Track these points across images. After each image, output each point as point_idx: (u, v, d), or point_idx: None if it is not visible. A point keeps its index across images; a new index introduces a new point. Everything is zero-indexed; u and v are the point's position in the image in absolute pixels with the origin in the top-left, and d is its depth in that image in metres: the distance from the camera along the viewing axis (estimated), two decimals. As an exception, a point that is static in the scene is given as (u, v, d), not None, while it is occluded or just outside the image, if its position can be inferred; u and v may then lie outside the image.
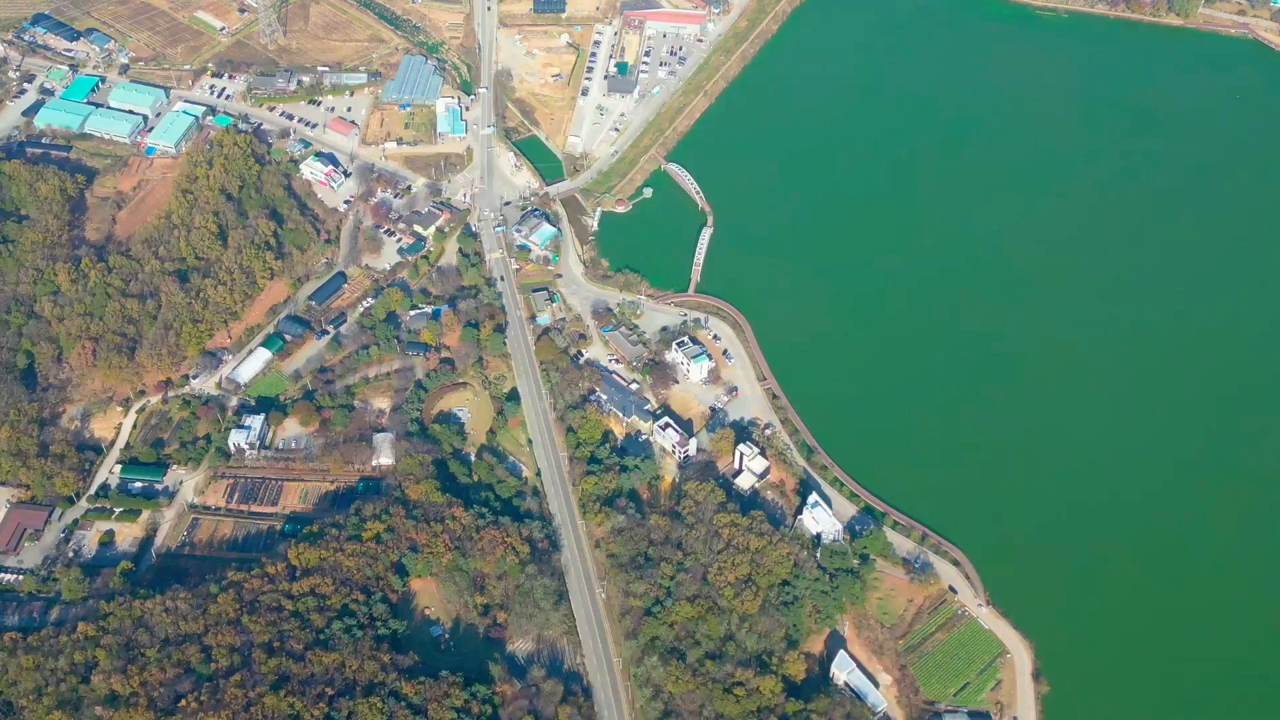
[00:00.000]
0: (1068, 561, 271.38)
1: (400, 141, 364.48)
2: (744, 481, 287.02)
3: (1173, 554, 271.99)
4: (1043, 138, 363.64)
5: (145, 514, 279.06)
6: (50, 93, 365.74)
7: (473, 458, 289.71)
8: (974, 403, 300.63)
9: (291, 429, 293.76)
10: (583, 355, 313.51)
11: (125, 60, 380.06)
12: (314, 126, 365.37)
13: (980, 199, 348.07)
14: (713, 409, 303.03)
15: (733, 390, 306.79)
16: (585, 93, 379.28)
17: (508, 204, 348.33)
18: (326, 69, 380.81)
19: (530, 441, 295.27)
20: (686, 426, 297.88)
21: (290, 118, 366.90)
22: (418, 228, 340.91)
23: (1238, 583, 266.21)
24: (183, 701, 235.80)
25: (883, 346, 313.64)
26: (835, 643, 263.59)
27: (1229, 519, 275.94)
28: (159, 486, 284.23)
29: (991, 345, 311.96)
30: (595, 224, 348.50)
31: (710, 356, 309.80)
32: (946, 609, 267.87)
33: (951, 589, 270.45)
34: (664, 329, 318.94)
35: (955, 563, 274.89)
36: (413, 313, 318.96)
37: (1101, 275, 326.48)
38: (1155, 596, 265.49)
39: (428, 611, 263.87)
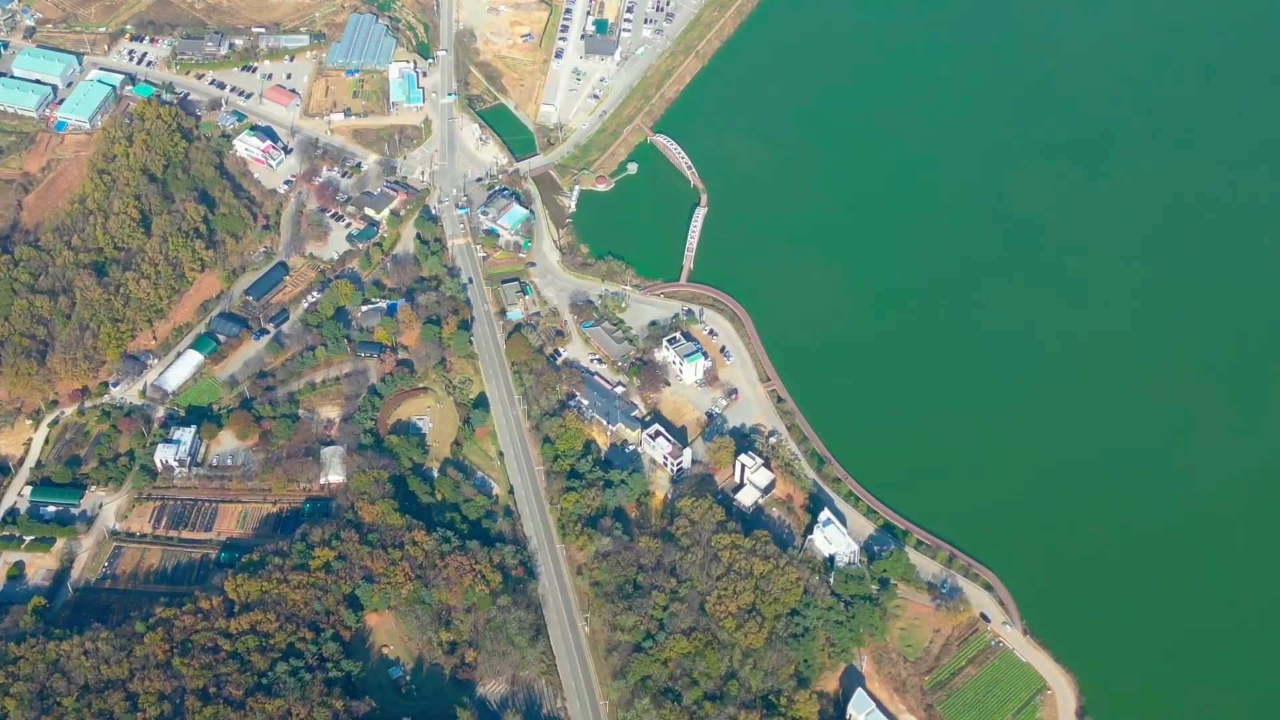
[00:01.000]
0: (1116, 585, 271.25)
1: (348, 113, 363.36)
2: (746, 497, 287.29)
3: (1238, 579, 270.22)
4: (1088, 101, 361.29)
5: (60, 542, 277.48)
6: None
7: (435, 474, 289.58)
8: (1006, 406, 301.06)
9: (227, 443, 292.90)
10: (560, 355, 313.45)
11: (31, 22, 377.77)
12: (249, 96, 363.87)
13: (1014, 171, 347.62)
14: (710, 415, 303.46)
15: (732, 393, 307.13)
16: (559, 55, 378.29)
17: (476, 181, 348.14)
18: (262, 30, 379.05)
19: (501, 454, 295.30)
20: (680, 435, 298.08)
21: (222, 86, 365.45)
22: (369, 211, 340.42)
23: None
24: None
25: (903, 343, 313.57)
26: (852, 680, 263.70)
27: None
28: (75, 511, 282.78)
29: (1025, 341, 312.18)
30: (573, 204, 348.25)
31: (706, 355, 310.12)
32: (978, 640, 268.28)
33: (983, 616, 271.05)
34: (653, 324, 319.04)
35: (988, 587, 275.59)
36: (365, 308, 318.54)
37: (1156, 261, 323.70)
38: (1217, 626, 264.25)
39: (386, 650, 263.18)
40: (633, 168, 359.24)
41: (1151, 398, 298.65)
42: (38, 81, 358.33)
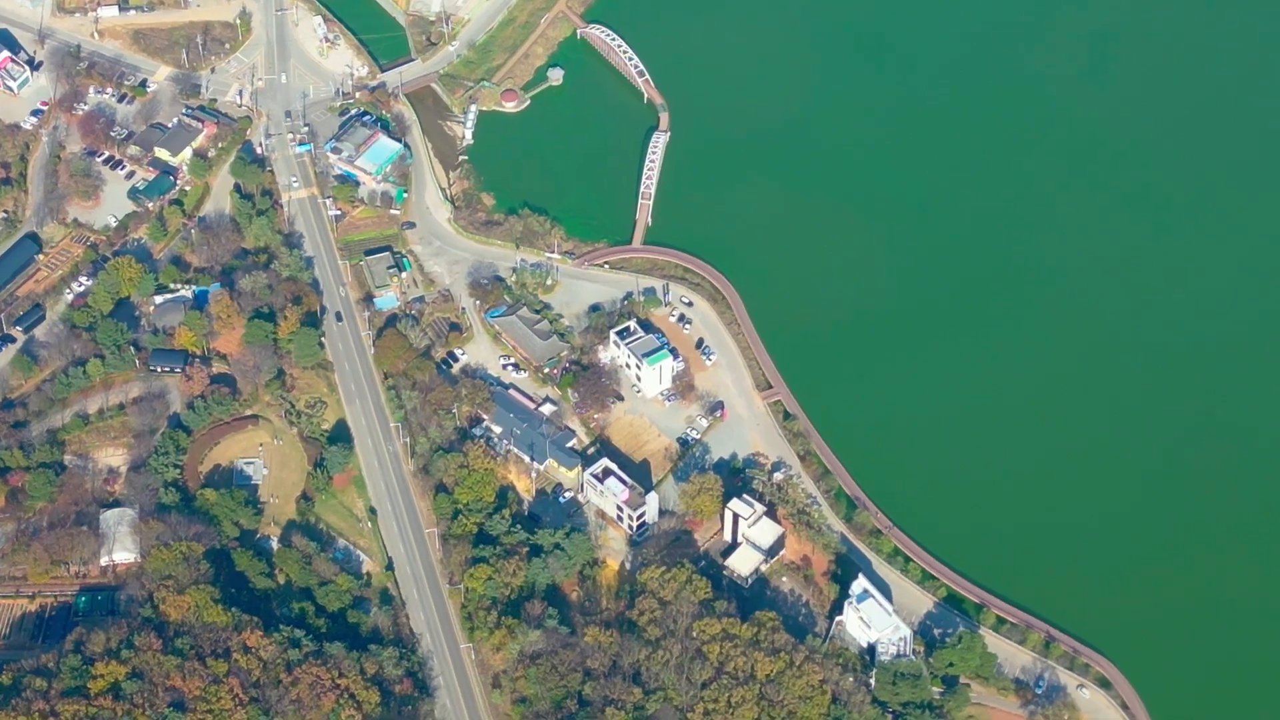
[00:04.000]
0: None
1: (124, 5, 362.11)
2: (742, 563, 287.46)
3: None
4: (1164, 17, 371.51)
5: None
6: None
7: (275, 544, 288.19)
8: (1121, 419, 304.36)
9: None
10: (457, 359, 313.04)
11: None
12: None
13: (1093, 74, 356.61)
14: (684, 441, 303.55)
15: (716, 408, 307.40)
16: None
17: (322, 103, 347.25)
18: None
19: (373, 511, 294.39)
20: (640, 474, 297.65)
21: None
22: (162, 152, 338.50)
23: None
24: None
25: (967, 327, 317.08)
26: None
27: None
28: None
29: (1155, 328, 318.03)
30: (469, 134, 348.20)
31: (676, 353, 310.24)
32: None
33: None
34: (594, 309, 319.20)
35: (1104, 683, 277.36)
36: (160, 299, 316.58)
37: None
38: None
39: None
40: (556, 76, 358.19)
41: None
42: None
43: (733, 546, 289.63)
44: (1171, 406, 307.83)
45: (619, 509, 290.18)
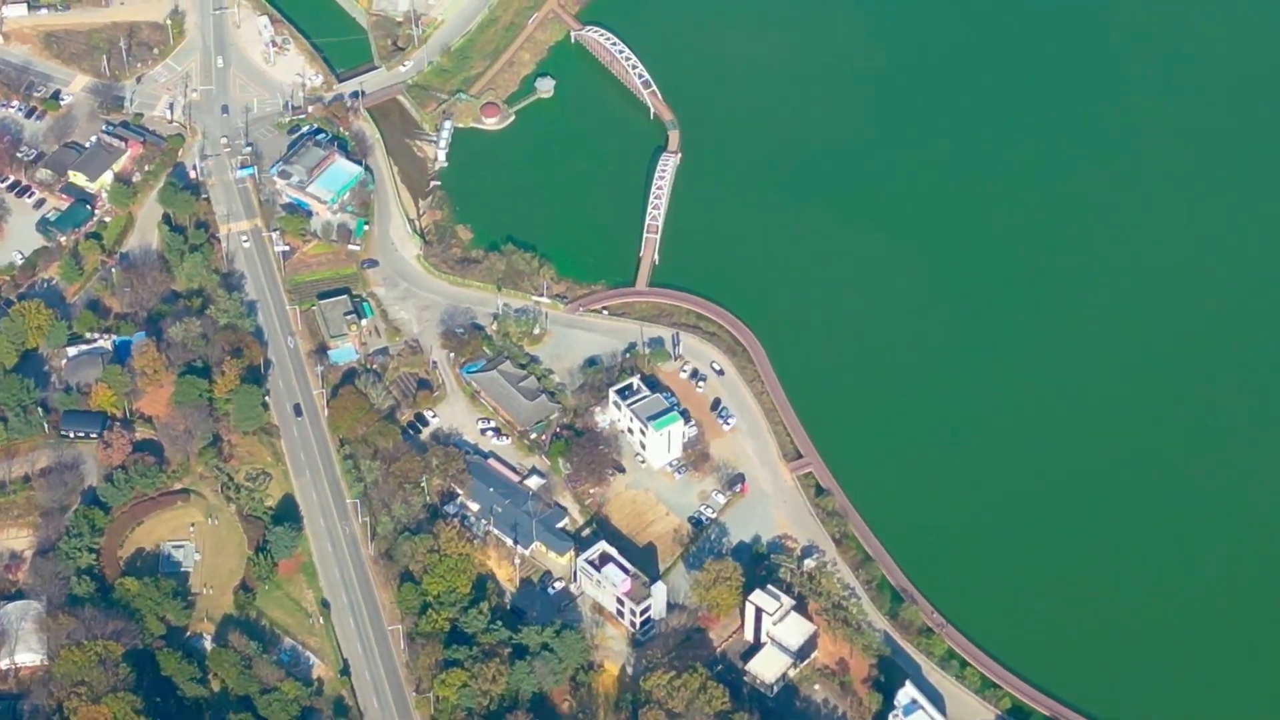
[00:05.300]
0: None
1: (34, 2, 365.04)
2: (767, 667, 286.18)
3: None
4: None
5: None
6: None
7: (208, 643, 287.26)
8: (1227, 500, 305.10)
9: None
10: (427, 422, 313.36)
11: None
12: None
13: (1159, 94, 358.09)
14: (697, 522, 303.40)
15: (735, 482, 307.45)
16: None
17: (269, 118, 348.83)
18: None
19: (326, 605, 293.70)
20: (644, 560, 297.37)
21: None
22: (77, 177, 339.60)
23: None
24: None
25: (1030, 387, 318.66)
26: None
27: None
28: None
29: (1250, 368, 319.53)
30: (442, 155, 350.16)
31: (687, 416, 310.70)
32: None
33: None
34: (591, 362, 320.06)
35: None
36: (74, 350, 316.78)
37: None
38: None
39: None
40: (545, 87, 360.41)
41: None
42: None
43: (755, 648, 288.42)
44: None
45: (619, 602, 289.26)
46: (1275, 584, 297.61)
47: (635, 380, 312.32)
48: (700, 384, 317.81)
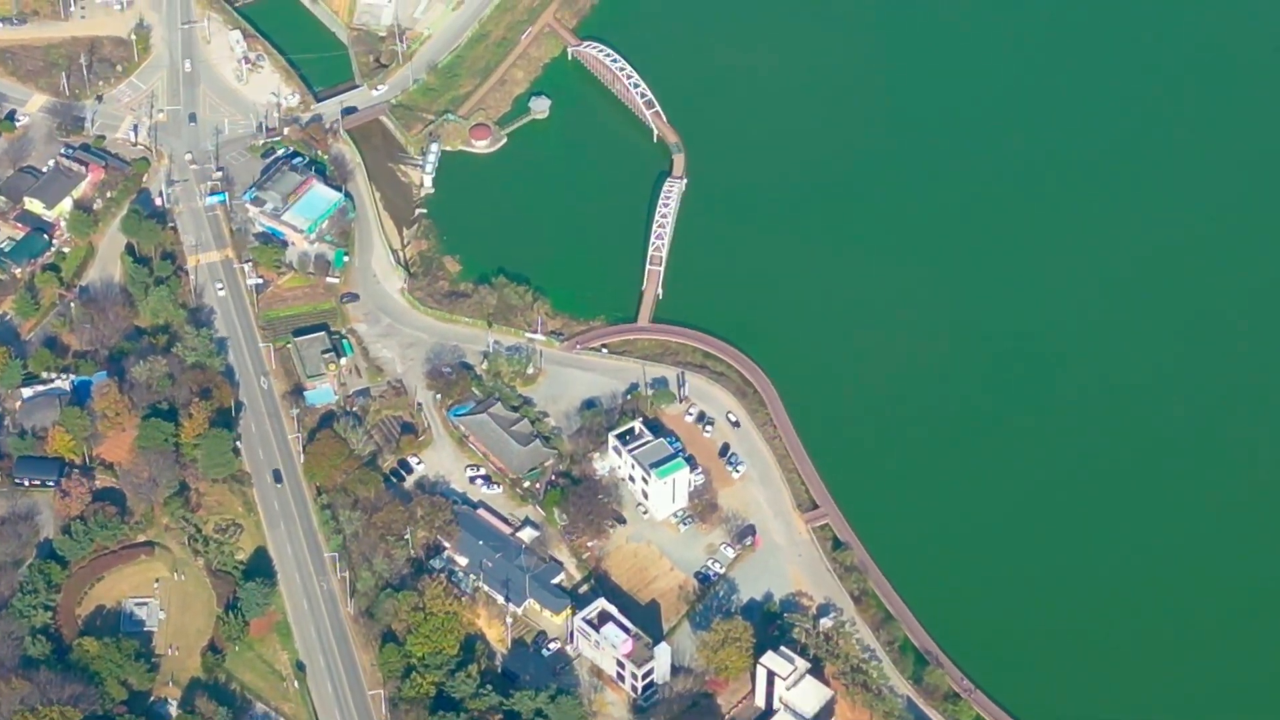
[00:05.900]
0: None
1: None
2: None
3: None
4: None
5: None
6: None
7: (173, 709, 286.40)
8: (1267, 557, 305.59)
9: None
10: (411, 469, 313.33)
11: None
12: None
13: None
14: (704, 578, 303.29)
15: (746, 534, 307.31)
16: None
17: (240, 141, 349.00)
18: None
19: (301, 667, 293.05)
20: (647, 619, 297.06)
21: None
22: (33, 204, 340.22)
23: None
24: None
25: (1065, 434, 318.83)
26: None
27: None
28: None
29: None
30: (429, 181, 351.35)
31: (693, 463, 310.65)
32: None
33: None
34: (588, 405, 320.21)
35: None
36: (28, 392, 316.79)
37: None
38: None
39: None
40: (540, 107, 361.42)
41: None
42: None
43: (767, 713, 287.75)
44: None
45: (619, 664, 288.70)
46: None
47: (637, 424, 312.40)
48: (708, 428, 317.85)
